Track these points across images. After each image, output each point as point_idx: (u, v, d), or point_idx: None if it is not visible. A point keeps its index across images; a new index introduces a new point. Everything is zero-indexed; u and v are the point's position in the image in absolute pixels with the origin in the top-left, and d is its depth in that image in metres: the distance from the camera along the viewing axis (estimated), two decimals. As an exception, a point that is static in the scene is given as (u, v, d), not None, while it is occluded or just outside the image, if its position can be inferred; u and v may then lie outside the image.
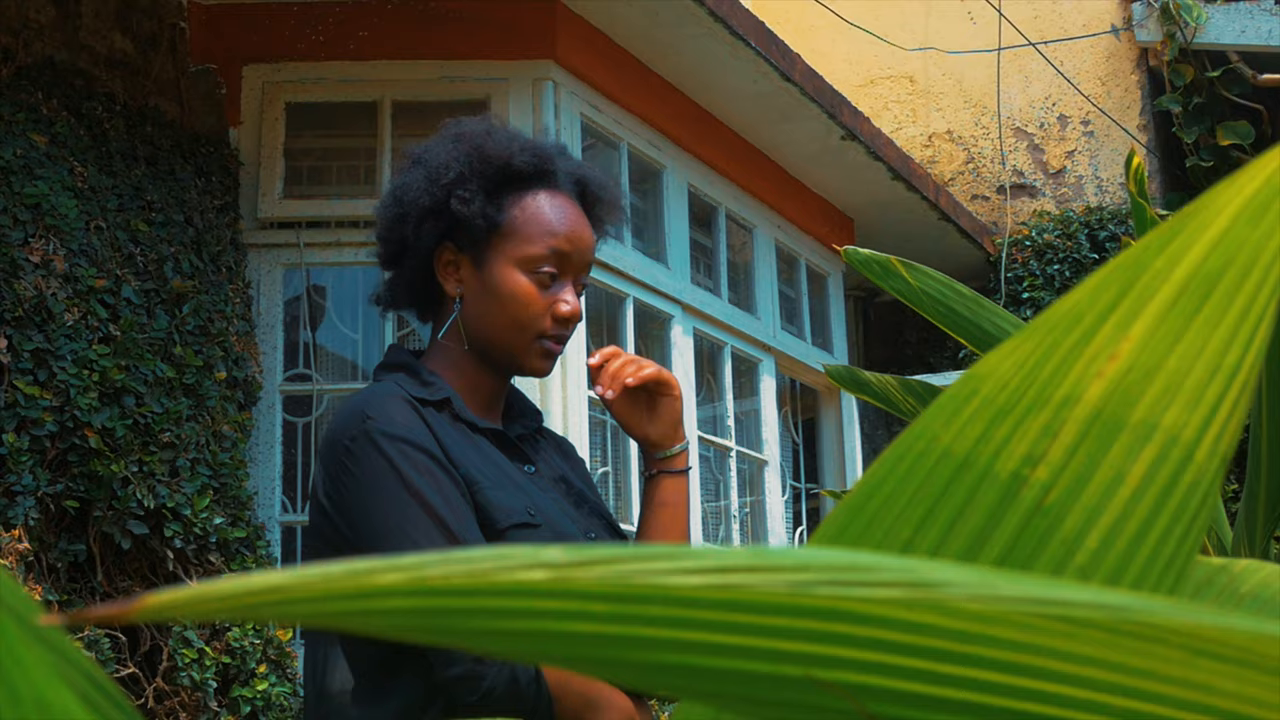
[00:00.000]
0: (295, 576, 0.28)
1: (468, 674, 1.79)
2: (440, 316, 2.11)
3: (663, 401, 2.17)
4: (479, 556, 0.28)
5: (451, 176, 2.01)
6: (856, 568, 0.31)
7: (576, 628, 0.30)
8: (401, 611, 0.28)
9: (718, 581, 0.29)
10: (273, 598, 0.27)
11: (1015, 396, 0.58)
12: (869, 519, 0.61)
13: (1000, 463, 0.59)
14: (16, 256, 3.84)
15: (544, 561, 0.28)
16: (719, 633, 0.31)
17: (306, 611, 0.28)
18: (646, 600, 0.29)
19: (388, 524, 1.85)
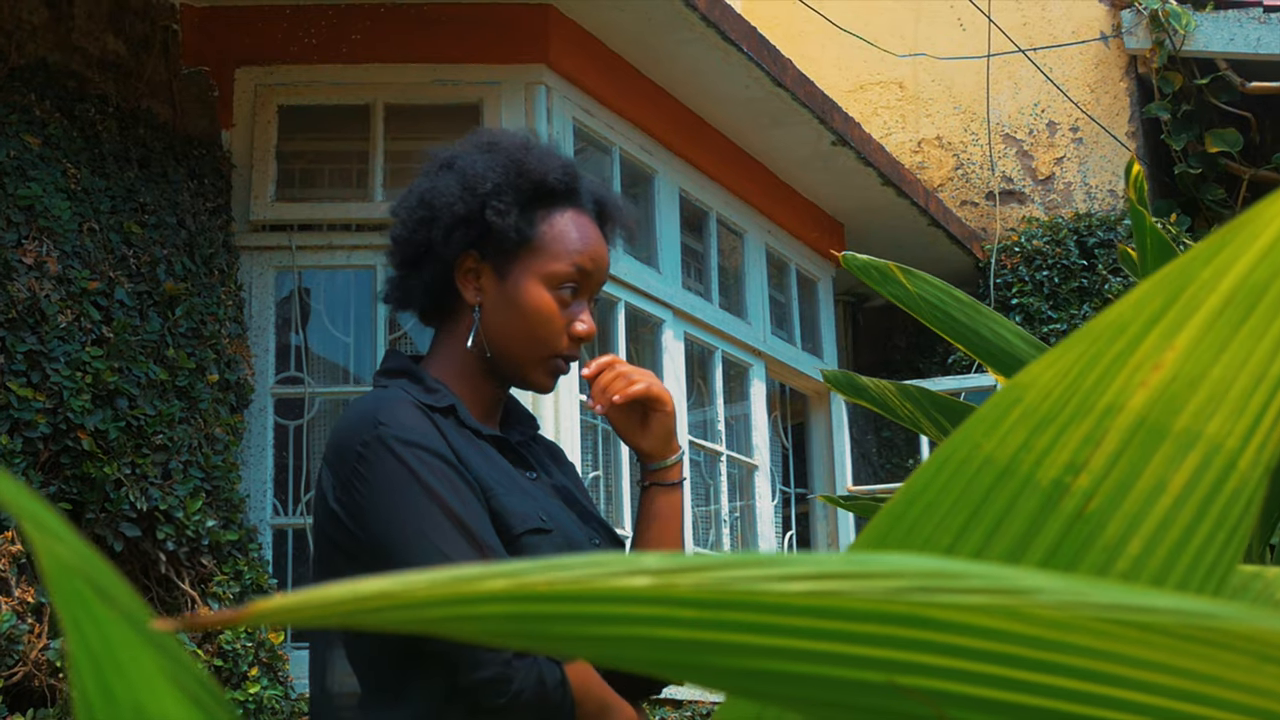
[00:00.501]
0: (402, 583, 0.28)
1: (497, 677, 1.80)
2: (448, 322, 2.11)
3: (655, 416, 2.17)
4: (579, 563, 0.29)
5: (488, 187, 2.01)
6: (947, 574, 0.31)
7: (671, 634, 0.30)
8: (503, 617, 0.29)
9: (816, 588, 0.29)
10: (380, 603, 0.28)
11: (1058, 405, 0.59)
12: (910, 526, 0.61)
13: (1042, 471, 0.59)
14: (10, 258, 3.84)
15: (645, 568, 0.29)
16: (807, 639, 0.32)
17: (411, 617, 0.29)
18: (743, 607, 0.30)
19: (410, 529, 1.85)
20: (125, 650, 0.29)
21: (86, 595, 0.28)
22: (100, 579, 0.28)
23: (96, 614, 0.29)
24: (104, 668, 0.29)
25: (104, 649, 0.29)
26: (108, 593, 0.28)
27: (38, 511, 0.28)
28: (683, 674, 0.32)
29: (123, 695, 0.30)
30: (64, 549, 0.28)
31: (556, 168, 2.08)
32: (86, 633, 0.29)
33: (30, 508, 0.29)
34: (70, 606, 0.29)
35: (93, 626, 0.29)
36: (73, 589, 0.28)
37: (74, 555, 0.28)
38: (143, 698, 0.29)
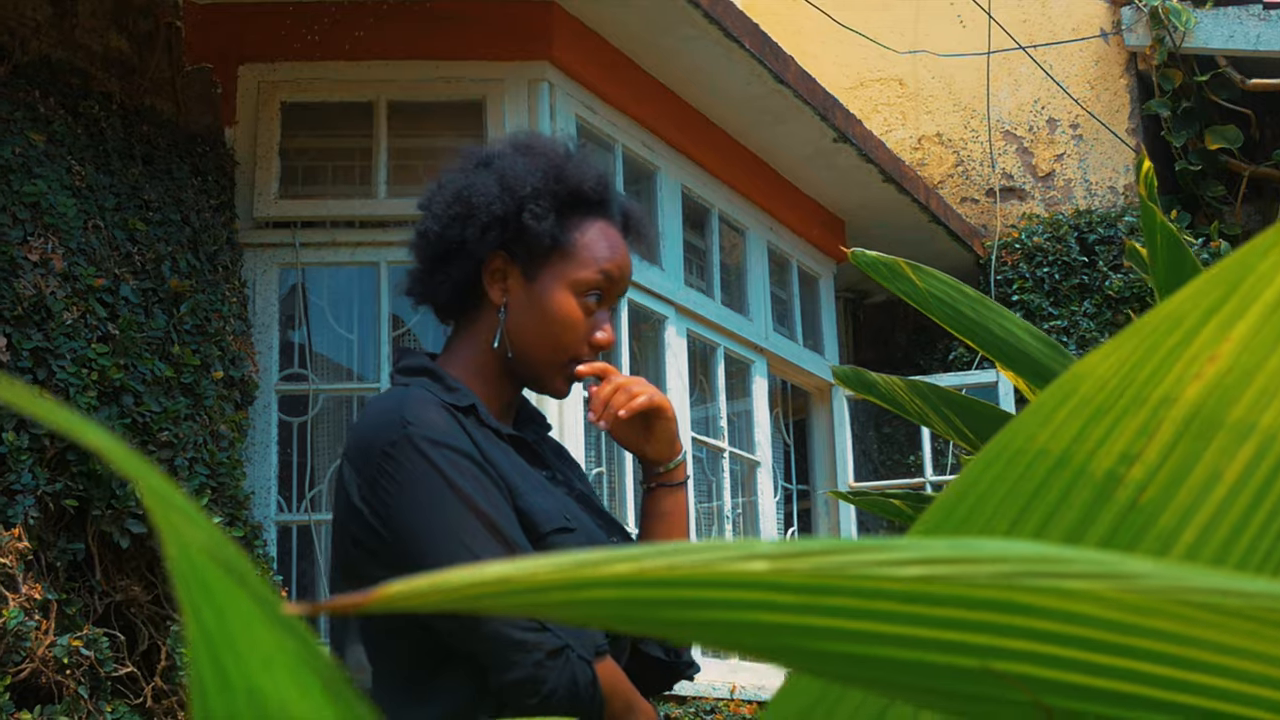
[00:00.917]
0: (524, 567, 0.28)
1: (529, 678, 1.81)
2: (469, 320, 2.11)
3: (657, 423, 2.18)
4: (696, 548, 0.29)
5: (527, 190, 2.02)
6: (1052, 559, 0.31)
7: (781, 619, 0.30)
8: (620, 602, 0.29)
9: (927, 573, 0.30)
10: (502, 588, 0.28)
11: (1113, 396, 0.59)
12: (963, 517, 0.62)
13: (1096, 461, 0.60)
14: (15, 255, 3.84)
15: (761, 553, 0.29)
16: (910, 625, 0.32)
17: (531, 601, 0.29)
18: (853, 593, 0.30)
19: (440, 529, 1.86)
20: (242, 633, 0.29)
21: (208, 577, 0.29)
22: (231, 559, 0.28)
23: (216, 596, 0.29)
24: (220, 651, 0.30)
25: (221, 632, 0.29)
26: (240, 573, 0.29)
27: (163, 487, 0.29)
28: (786, 658, 0.32)
29: (237, 679, 0.30)
30: (191, 528, 0.28)
31: (593, 177, 2.10)
32: (204, 616, 0.29)
33: (156, 482, 0.29)
34: (190, 589, 0.29)
35: (211, 609, 0.29)
36: (194, 570, 0.29)
37: (203, 535, 0.28)
38: (258, 681, 0.30)
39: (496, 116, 5.15)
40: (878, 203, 7.33)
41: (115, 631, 3.95)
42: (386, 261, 5.12)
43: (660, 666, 2.12)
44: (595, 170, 2.13)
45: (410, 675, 1.93)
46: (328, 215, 5.16)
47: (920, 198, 7.35)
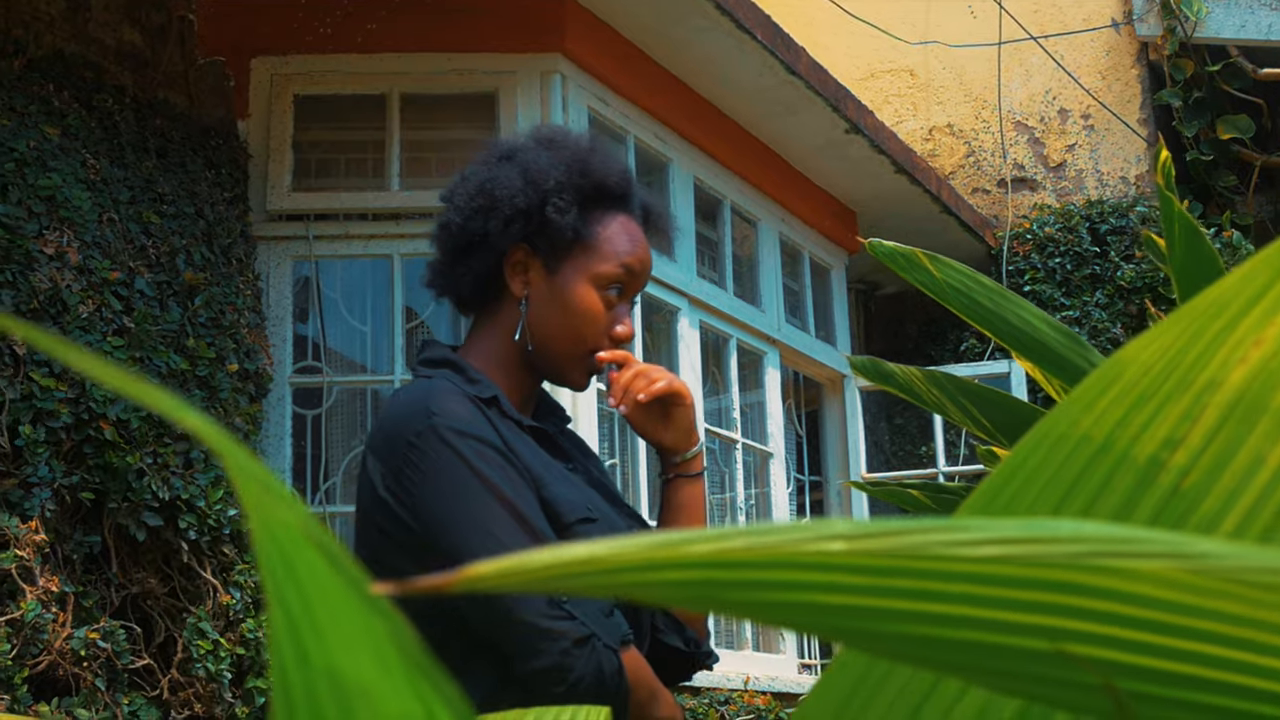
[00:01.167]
0: (610, 548, 0.29)
1: (556, 666, 1.82)
2: (490, 313, 2.13)
3: (675, 410, 2.19)
4: (776, 529, 0.29)
5: (551, 184, 2.04)
6: (1126, 539, 0.32)
7: (858, 601, 0.31)
8: (700, 583, 0.29)
9: (1002, 553, 0.30)
10: (588, 568, 0.28)
11: (1157, 382, 0.59)
12: (1007, 502, 0.62)
13: (1139, 447, 0.60)
14: (31, 249, 3.85)
15: (838, 533, 0.29)
16: (984, 607, 0.32)
17: (616, 581, 0.29)
18: (928, 575, 0.30)
19: (466, 519, 1.87)
20: (325, 613, 0.30)
21: (293, 557, 0.29)
22: (322, 539, 0.29)
23: (300, 576, 0.29)
24: (301, 631, 0.30)
25: (303, 612, 0.30)
26: (331, 553, 0.29)
27: (253, 466, 0.29)
28: (857, 640, 0.33)
29: (317, 658, 0.30)
30: (281, 507, 0.28)
31: (617, 172, 2.12)
32: (288, 596, 0.30)
33: (245, 461, 0.29)
34: (274, 569, 0.30)
35: (294, 589, 0.30)
36: (280, 550, 0.29)
37: (293, 515, 0.29)
38: (338, 661, 0.30)
39: (509, 109, 5.15)
40: (889, 194, 7.32)
41: (132, 624, 3.96)
42: (400, 254, 5.13)
43: (680, 657, 2.13)
44: (618, 165, 2.15)
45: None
46: (341, 208, 5.16)
47: (932, 189, 7.34)
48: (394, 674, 0.30)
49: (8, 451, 3.68)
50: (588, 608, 1.86)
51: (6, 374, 3.71)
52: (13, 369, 3.73)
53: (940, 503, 2.81)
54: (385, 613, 0.29)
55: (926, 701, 0.51)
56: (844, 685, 0.57)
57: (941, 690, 0.51)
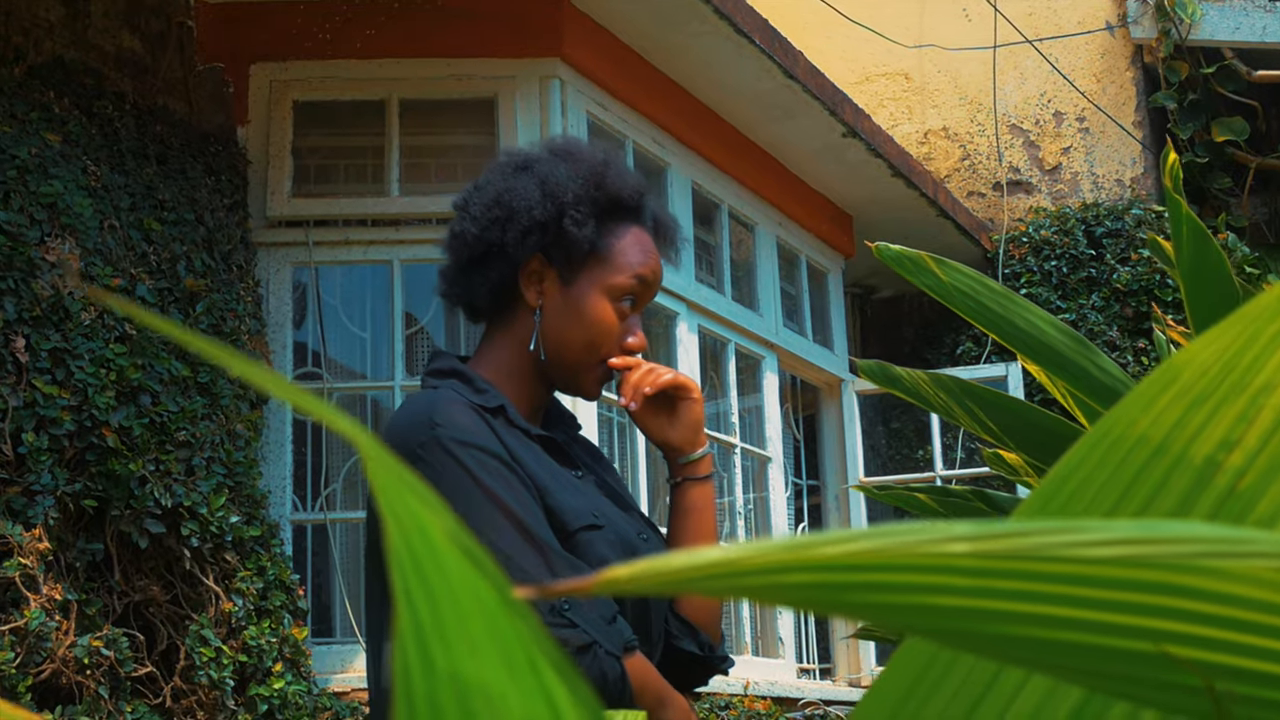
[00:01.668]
0: (745, 551, 0.29)
1: None
2: (502, 322, 2.14)
3: (682, 405, 2.20)
4: (899, 531, 0.30)
5: (569, 197, 2.06)
6: (1236, 539, 0.32)
7: (973, 604, 0.31)
8: (831, 586, 0.30)
9: (1123, 553, 0.30)
10: (723, 570, 0.29)
11: (1213, 383, 0.60)
12: (1063, 503, 0.62)
13: (1195, 448, 0.60)
14: (33, 256, 3.85)
15: (961, 535, 0.30)
16: (1093, 609, 0.33)
17: (752, 584, 0.30)
18: (1045, 578, 0.31)
19: (469, 528, 1.87)
20: (453, 619, 0.30)
21: (424, 562, 0.29)
22: (467, 543, 0.29)
23: (431, 582, 0.30)
24: (428, 636, 0.30)
25: (432, 618, 0.30)
26: (476, 558, 0.29)
27: (396, 470, 0.29)
28: (967, 642, 0.33)
29: (442, 664, 0.31)
30: (426, 511, 0.29)
31: (632, 186, 2.14)
32: (416, 601, 0.30)
33: (390, 465, 0.30)
34: (405, 573, 0.30)
35: (424, 595, 0.30)
36: (412, 555, 0.29)
37: (439, 519, 0.29)
38: (463, 666, 0.30)
39: (508, 114, 5.16)
40: (886, 197, 7.33)
41: (134, 631, 3.96)
42: (399, 260, 5.13)
43: (695, 662, 2.13)
44: (634, 179, 2.17)
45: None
46: (340, 214, 5.17)
47: (929, 192, 7.35)
48: (521, 676, 0.30)
49: (10, 459, 3.68)
50: (589, 615, 1.87)
51: (9, 382, 3.71)
52: (15, 376, 3.73)
53: (947, 506, 2.81)
54: (518, 615, 0.29)
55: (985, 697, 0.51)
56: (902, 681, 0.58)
57: (1000, 686, 0.51)
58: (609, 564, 1.95)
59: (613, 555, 1.98)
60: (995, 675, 0.51)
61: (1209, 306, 2.46)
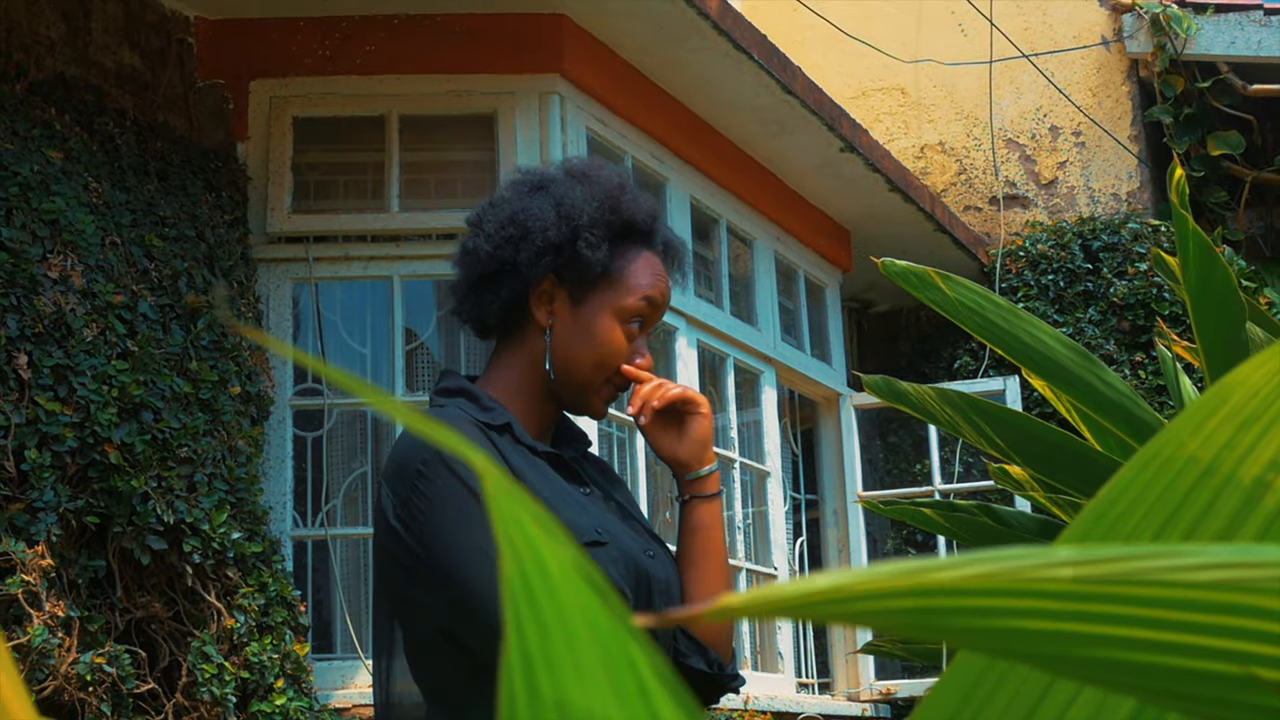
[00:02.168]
0: (856, 577, 0.29)
1: None
2: (512, 341, 2.16)
3: (691, 420, 2.22)
4: (1004, 555, 0.30)
5: (584, 219, 2.08)
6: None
7: (1074, 628, 0.31)
8: (942, 610, 0.30)
9: (1222, 577, 0.31)
10: (835, 596, 0.29)
11: (1264, 404, 0.60)
12: (1112, 523, 0.62)
13: (1244, 469, 0.60)
14: (35, 272, 3.85)
15: (1065, 560, 0.30)
16: (1184, 632, 0.33)
17: (862, 610, 0.30)
18: (1144, 602, 0.31)
19: (470, 546, 1.89)
20: (561, 645, 0.30)
21: (535, 585, 0.29)
22: (591, 573, 0.29)
23: (539, 607, 0.30)
24: (534, 663, 0.31)
25: (540, 645, 0.30)
26: (599, 587, 0.29)
27: (516, 494, 0.30)
28: (1060, 666, 0.33)
29: (547, 691, 0.31)
30: (548, 540, 0.29)
31: (646, 211, 2.17)
32: (526, 629, 0.30)
33: (509, 490, 0.30)
34: (517, 601, 0.30)
35: (534, 623, 0.30)
36: (526, 583, 0.30)
37: (560, 549, 0.29)
38: (569, 693, 0.31)
39: (508, 130, 5.16)
40: (884, 212, 7.34)
41: (136, 648, 3.96)
42: (399, 275, 5.13)
43: (704, 680, 2.14)
44: (648, 203, 2.20)
45: (449, 690, 1.95)
46: (340, 230, 5.17)
47: (926, 206, 7.37)
48: (630, 702, 0.30)
49: (13, 476, 3.68)
50: None
51: (12, 399, 3.71)
52: (18, 393, 3.73)
53: (953, 521, 2.81)
54: (634, 641, 0.30)
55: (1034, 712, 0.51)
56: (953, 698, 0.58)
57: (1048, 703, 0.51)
58: (612, 581, 1.96)
59: (616, 572, 1.99)
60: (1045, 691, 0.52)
61: (1215, 321, 2.46)
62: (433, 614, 1.93)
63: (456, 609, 1.89)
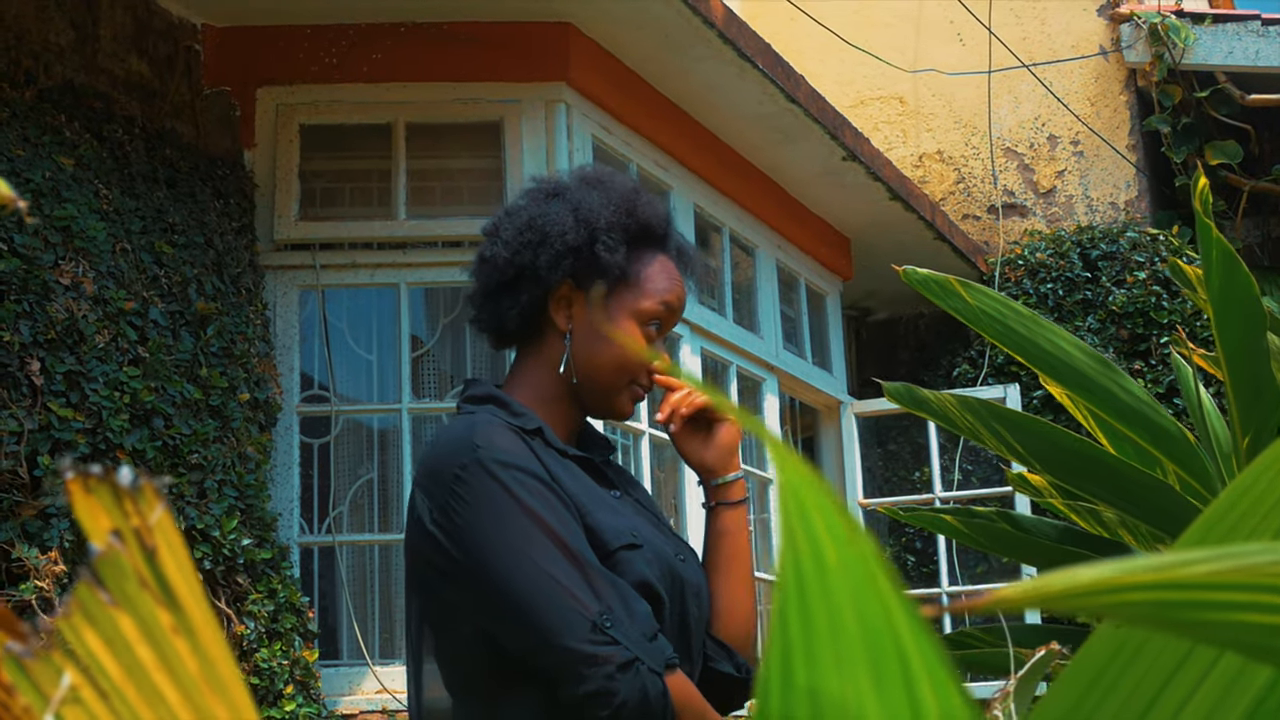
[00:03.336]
0: (1115, 570, 0.30)
1: (601, 690, 1.84)
2: (532, 347, 2.18)
3: (720, 426, 2.26)
4: (1251, 550, 0.31)
5: (602, 223, 2.11)
6: None
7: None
8: (1195, 604, 0.31)
9: None
10: (1097, 588, 0.30)
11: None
12: (1231, 525, 0.63)
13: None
14: (47, 279, 3.85)
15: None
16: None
17: (1119, 601, 0.31)
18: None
19: (512, 548, 1.90)
20: (824, 635, 0.31)
21: (808, 581, 0.30)
22: (871, 557, 0.30)
23: (807, 599, 0.31)
24: (793, 654, 0.32)
25: (801, 635, 0.31)
26: (894, 579, 0.30)
27: (802, 485, 0.30)
28: None
29: (801, 679, 0.32)
30: (825, 534, 0.30)
31: (660, 214, 2.21)
32: (789, 620, 0.31)
33: (818, 484, 0.31)
34: (784, 592, 0.31)
35: (798, 613, 0.31)
36: (798, 574, 0.31)
37: (833, 541, 0.30)
38: (822, 682, 0.31)
39: (514, 137, 5.17)
40: (884, 220, 7.36)
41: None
42: (406, 283, 5.14)
43: (731, 683, 2.15)
44: (662, 207, 2.24)
45: (482, 691, 1.97)
46: (347, 237, 5.17)
47: (926, 215, 7.39)
48: (890, 689, 0.31)
49: (26, 482, 3.68)
50: (631, 632, 1.89)
51: (25, 404, 3.71)
52: (30, 399, 3.73)
53: (972, 527, 2.83)
54: (909, 631, 0.30)
55: (1163, 690, 0.52)
56: (1085, 676, 0.59)
57: (1177, 680, 0.52)
58: (648, 582, 1.97)
59: (651, 573, 2.00)
60: (1176, 668, 0.53)
61: (1237, 329, 2.48)
62: (470, 616, 1.94)
63: (495, 611, 1.90)
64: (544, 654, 1.88)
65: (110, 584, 0.36)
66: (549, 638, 1.87)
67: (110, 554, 0.36)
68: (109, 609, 0.36)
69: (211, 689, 0.36)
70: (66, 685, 0.34)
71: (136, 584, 0.36)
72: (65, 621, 0.37)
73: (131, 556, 0.36)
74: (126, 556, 0.36)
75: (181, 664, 0.36)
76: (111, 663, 0.35)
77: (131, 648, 0.35)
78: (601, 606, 1.87)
